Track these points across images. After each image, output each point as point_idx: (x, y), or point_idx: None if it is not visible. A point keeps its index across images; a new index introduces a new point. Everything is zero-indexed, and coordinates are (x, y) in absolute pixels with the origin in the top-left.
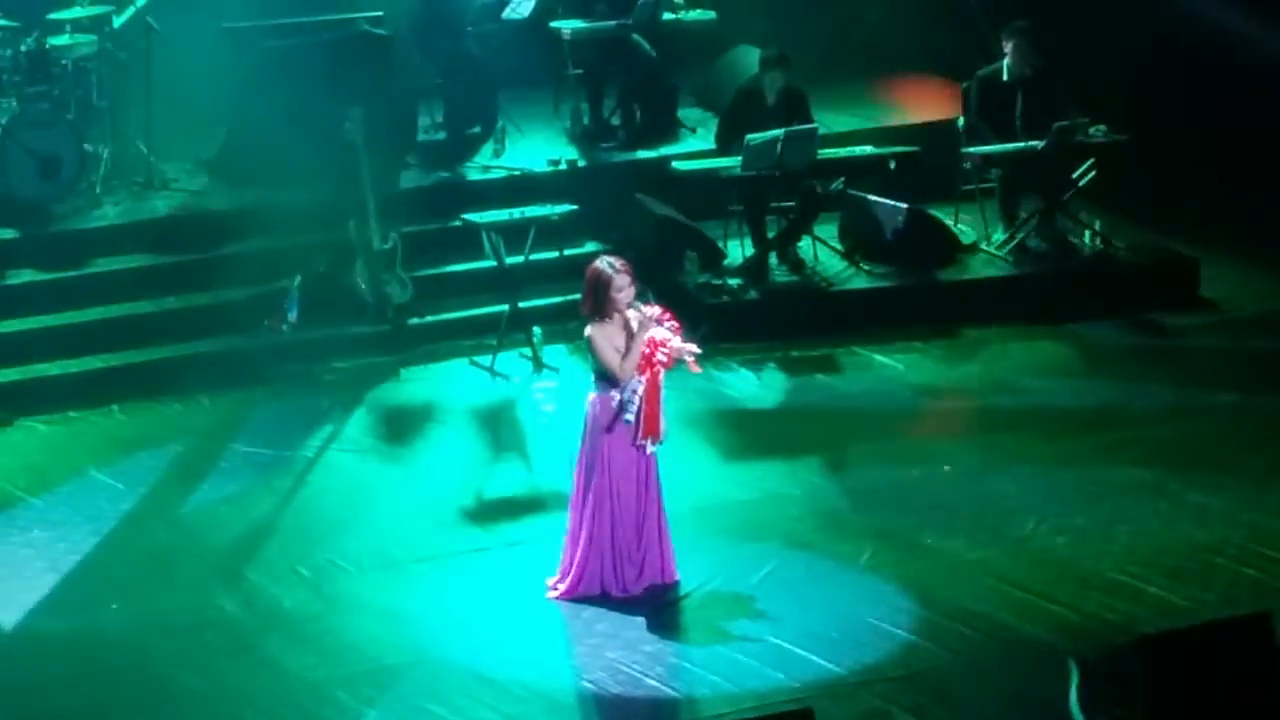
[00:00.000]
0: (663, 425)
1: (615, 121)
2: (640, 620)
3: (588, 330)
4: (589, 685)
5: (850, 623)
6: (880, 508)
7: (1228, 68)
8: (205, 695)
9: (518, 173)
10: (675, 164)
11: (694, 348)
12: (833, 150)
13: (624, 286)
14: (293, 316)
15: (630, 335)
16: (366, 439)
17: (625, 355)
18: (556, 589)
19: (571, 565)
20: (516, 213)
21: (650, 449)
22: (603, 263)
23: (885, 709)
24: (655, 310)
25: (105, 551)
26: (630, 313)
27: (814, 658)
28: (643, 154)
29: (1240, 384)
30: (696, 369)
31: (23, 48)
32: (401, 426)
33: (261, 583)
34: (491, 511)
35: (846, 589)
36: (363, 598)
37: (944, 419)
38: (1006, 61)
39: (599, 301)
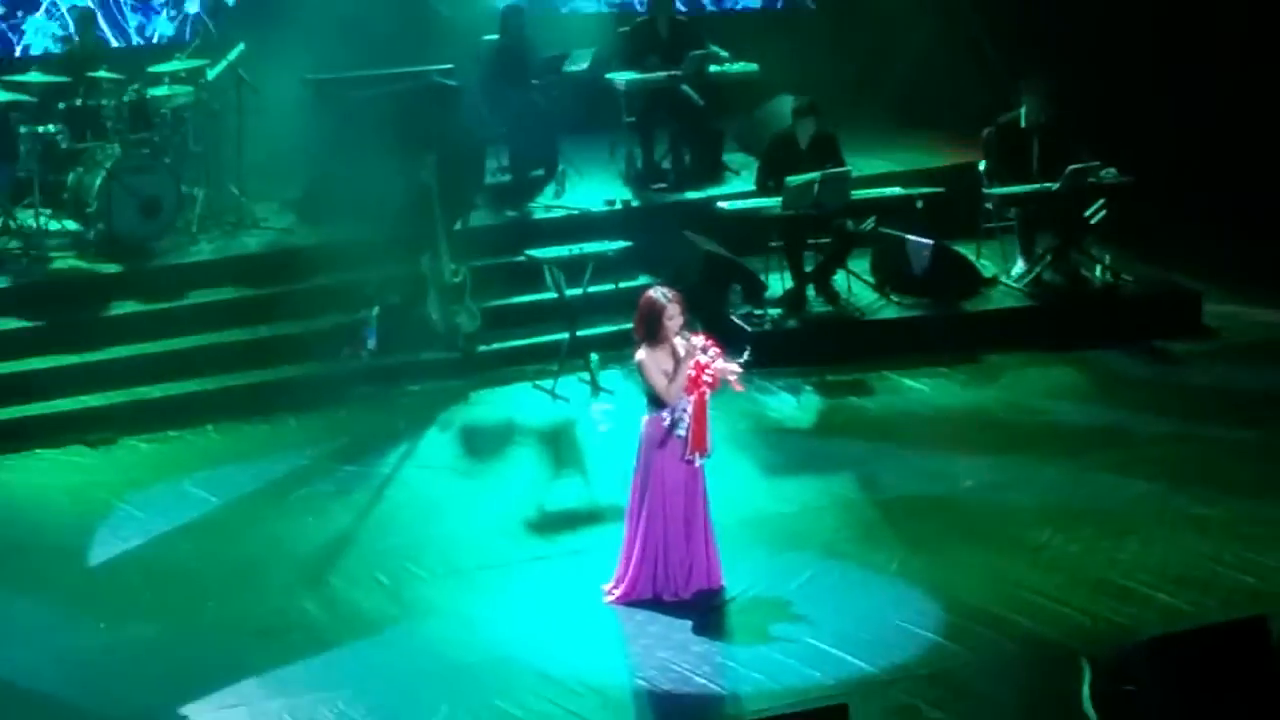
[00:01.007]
0: (709, 441)
1: (665, 165)
2: (689, 623)
3: (639, 355)
4: (642, 683)
5: (881, 625)
6: (908, 520)
7: (1229, 114)
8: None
9: (576, 212)
10: (720, 204)
11: (736, 368)
12: (864, 191)
13: (675, 315)
14: (371, 344)
15: (677, 361)
16: (438, 456)
17: (672, 379)
18: (612, 594)
19: (627, 572)
20: (575, 249)
21: (698, 463)
22: (656, 292)
23: (913, 704)
24: (700, 340)
25: (199, 559)
26: (678, 340)
27: (848, 657)
28: (691, 195)
29: (1239, 407)
30: (739, 387)
31: (125, 98)
32: (471, 445)
33: (343, 588)
34: (552, 523)
35: (878, 594)
36: (435, 602)
37: (966, 438)
38: (1024, 110)
39: (651, 328)
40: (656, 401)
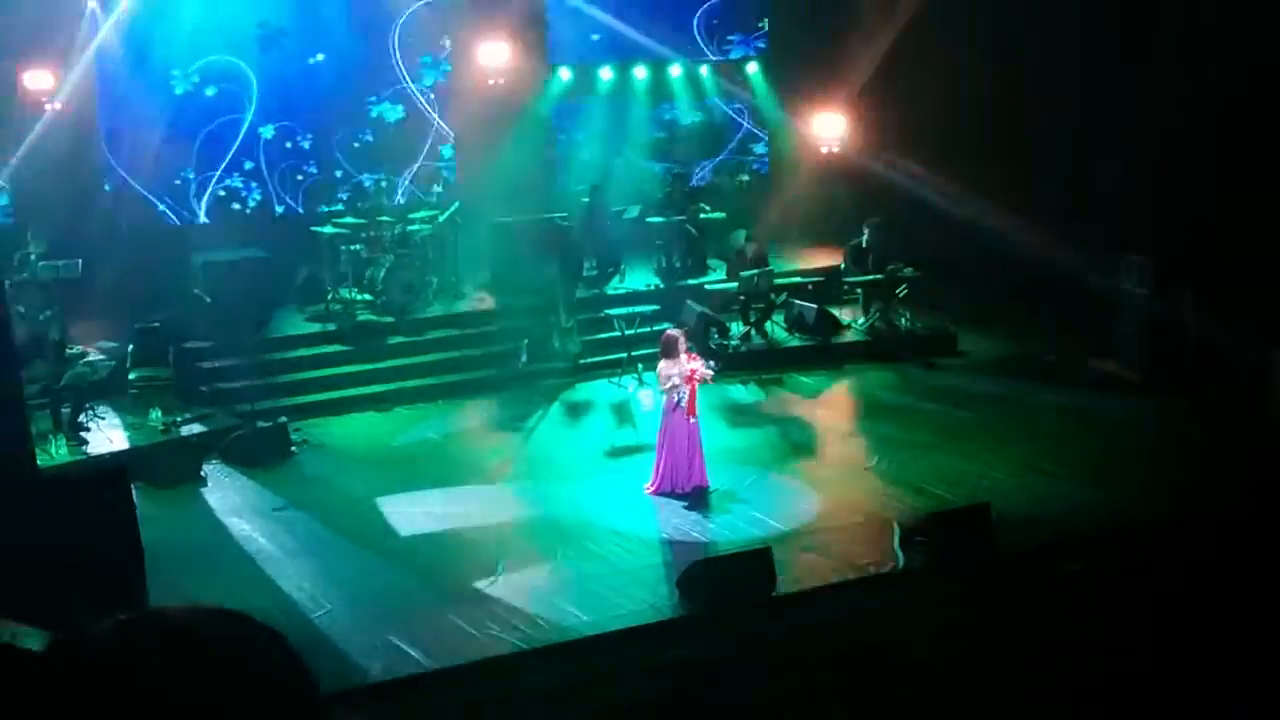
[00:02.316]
0: (697, 408)
1: (678, 265)
2: (686, 503)
3: (660, 365)
4: (665, 535)
5: (791, 506)
6: (805, 450)
7: (978, 235)
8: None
9: (630, 290)
10: (706, 286)
11: (711, 371)
12: (781, 279)
13: (680, 343)
14: (524, 359)
15: (681, 368)
16: (558, 418)
17: (678, 377)
18: (649, 489)
19: (657, 476)
20: (631, 309)
21: (693, 421)
22: (672, 331)
23: (805, 547)
24: (694, 357)
25: (430, 466)
26: (681, 357)
27: (772, 522)
28: (690, 282)
29: (978, 393)
30: (711, 382)
31: (396, 230)
32: (575, 412)
33: (508, 483)
34: (617, 452)
35: (789, 489)
36: (557, 491)
37: (834, 409)
38: (865, 235)
39: (668, 350)
40: (670, 389)
